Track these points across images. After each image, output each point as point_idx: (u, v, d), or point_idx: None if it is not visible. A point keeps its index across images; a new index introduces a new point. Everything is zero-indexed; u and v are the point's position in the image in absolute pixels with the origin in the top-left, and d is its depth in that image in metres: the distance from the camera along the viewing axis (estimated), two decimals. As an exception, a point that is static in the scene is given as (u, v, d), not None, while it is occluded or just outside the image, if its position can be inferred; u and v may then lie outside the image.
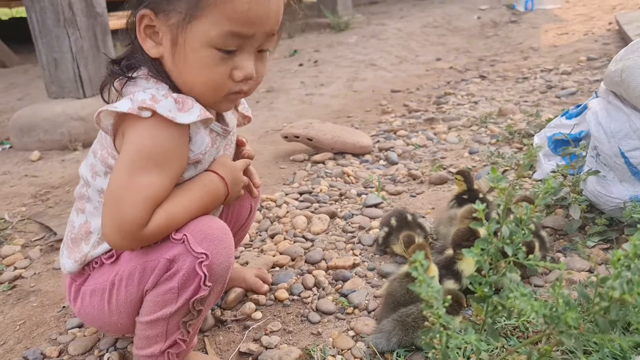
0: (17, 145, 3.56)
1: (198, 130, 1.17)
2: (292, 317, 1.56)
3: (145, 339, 1.21)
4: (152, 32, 1.14)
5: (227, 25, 1.07)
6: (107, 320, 1.25)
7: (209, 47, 1.09)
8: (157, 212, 1.11)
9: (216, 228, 1.16)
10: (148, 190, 1.09)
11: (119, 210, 1.08)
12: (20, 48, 6.86)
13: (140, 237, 1.10)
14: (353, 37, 6.11)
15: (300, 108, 3.93)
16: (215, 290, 1.18)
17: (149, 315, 1.17)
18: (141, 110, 1.07)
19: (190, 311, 1.17)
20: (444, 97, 3.77)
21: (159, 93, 1.12)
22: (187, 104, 1.12)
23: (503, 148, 2.64)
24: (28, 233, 2.29)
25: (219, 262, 1.14)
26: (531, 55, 4.91)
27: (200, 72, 1.12)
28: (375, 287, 1.65)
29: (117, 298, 1.20)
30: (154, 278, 1.15)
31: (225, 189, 1.24)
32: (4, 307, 1.75)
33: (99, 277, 1.24)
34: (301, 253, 1.86)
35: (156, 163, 1.10)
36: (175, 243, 1.13)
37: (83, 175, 1.27)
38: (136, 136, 1.11)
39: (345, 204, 2.25)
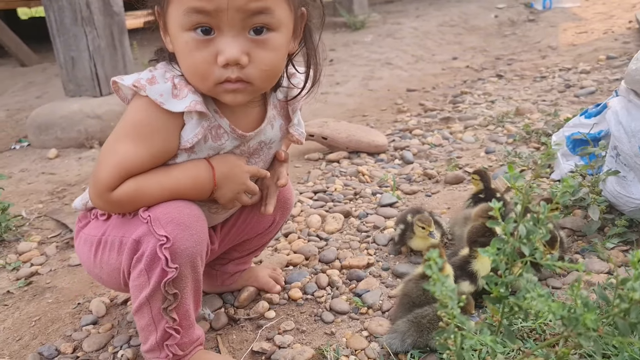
0: (35, 143, 3.60)
1: (191, 120, 1.16)
2: (305, 316, 1.55)
3: (142, 331, 1.24)
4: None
5: (187, 1, 1.03)
6: (92, 270, 1.31)
7: (184, 31, 1.07)
8: (128, 181, 1.14)
9: (187, 214, 1.15)
10: (121, 157, 1.13)
11: (97, 169, 1.15)
12: (39, 47, 6.93)
13: (108, 198, 1.14)
14: (369, 36, 6.09)
15: (315, 107, 3.92)
16: (186, 274, 1.17)
17: (134, 302, 1.20)
18: (137, 88, 1.12)
19: (166, 296, 1.16)
20: (460, 96, 3.74)
21: (163, 75, 1.15)
22: (183, 92, 1.13)
23: (520, 148, 2.61)
24: (44, 230, 2.31)
25: (184, 247, 1.13)
26: (549, 54, 4.85)
27: (184, 60, 1.11)
28: (390, 287, 1.64)
29: (101, 257, 1.25)
30: (126, 256, 1.17)
31: (211, 180, 1.21)
32: (20, 303, 1.77)
33: (93, 229, 1.28)
34: (315, 252, 1.85)
35: (137, 135, 1.14)
36: (142, 222, 1.15)
37: None
38: (131, 109, 1.17)
39: (359, 203, 2.24)
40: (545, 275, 1.56)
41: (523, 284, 0.75)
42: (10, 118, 4.54)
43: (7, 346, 1.55)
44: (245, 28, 1.06)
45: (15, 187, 2.85)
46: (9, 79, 6.18)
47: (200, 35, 1.06)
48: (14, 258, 2.05)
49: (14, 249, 2.14)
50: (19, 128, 4.16)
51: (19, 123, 4.29)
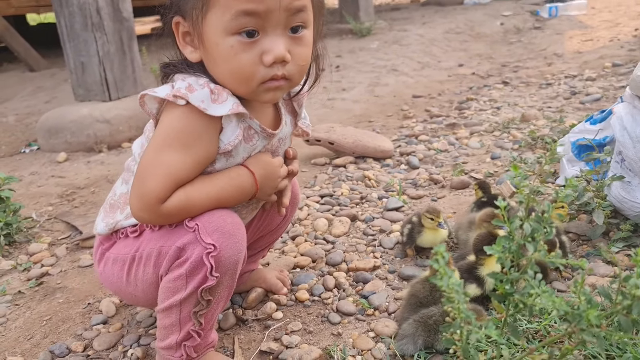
0: (45, 146, 3.64)
1: (230, 122, 1.18)
2: (312, 317, 1.57)
3: (163, 329, 1.25)
4: (190, 39, 1.17)
5: (237, 4, 1.05)
6: (124, 289, 1.31)
7: (229, 35, 1.09)
8: (178, 192, 1.14)
9: (230, 222, 1.18)
10: (169, 167, 1.13)
11: (142, 182, 1.13)
12: (48, 52, 7.00)
13: (158, 211, 1.14)
14: (375, 43, 6.12)
15: (321, 112, 3.95)
16: (224, 282, 1.20)
17: (163, 302, 1.21)
18: (176, 98, 1.12)
19: (200, 301, 1.19)
20: (466, 103, 3.76)
21: (197, 82, 1.15)
22: (222, 96, 1.14)
23: (526, 153, 2.63)
24: (55, 232, 2.34)
25: (228, 255, 1.16)
26: (555, 62, 4.87)
27: (227, 64, 1.12)
28: (396, 290, 1.66)
29: (136, 274, 1.25)
30: (166, 263, 1.19)
31: (253, 184, 1.25)
32: (31, 303, 1.79)
33: (123, 248, 1.28)
34: (322, 255, 1.88)
35: (181, 144, 1.14)
36: (188, 231, 1.16)
37: (134, 151, 1.33)
38: (168, 119, 1.16)
39: (366, 207, 2.26)
40: (551, 279, 1.58)
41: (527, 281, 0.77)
42: (20, 122, 4.58)
43: (18, 345, 1.58)
44: (286, 27, 1.11)
45: (26, 190, 2.89)
46: (19, 84, 6.24)
47: (246, 38, 1.09)
48: (24, 259, 2.08)
49: (25, 250, 2.17)
50: (28, 132, 4.20)
51: (29, 127, 4.33)
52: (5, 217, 2.19)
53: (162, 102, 1.18)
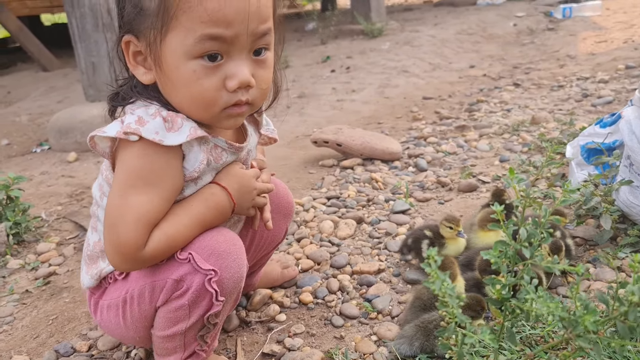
0: (55, 146, 3.67)
1: (191, 148, 1.13)
2: (315, 320, 1.57)
3: (164, 349, 1.23)
4: (142, 59, 1.10)
5: (202, 28, 1.00)
6: (125, 334, 1.27)
7: (191, 59, 1.03)
8: (155, 233, 1.09)
9: (223, 241, 1.14)
10: (139, 211, 1.07)
11: (115, 233, 1.07)
12: (61, 53, 7.07)
13: (139, 258, 1.09)
14: (386, 44, 6.10)
15: (331, 114, 3.94)
16: (229, 301, 1.18)
17: (164, 330, 1.19)
18: (128, 135, 1.05)
19: (206, 325, 1.18)
20: (476, 105, 3.74)
21: (147, 113, 1.08)
22: (177, 123, 1.08)
23: (535, 156, 2.60)
24: (63, 231, 2.36)
25: (229, 276, 1.13)
26: (567, 63, 4.83)
27: (188, 89, 1.06)
28: (400, 293, 1.65)
29: (132, 314, 1.21)
30: (163, 296, 1.15)
31: (230, 201, 1.20)
32: (38, 302, 1.81)
33: (113, 292, 1.24)
34: (327, 257, 1.87)
35: (146, 183, 1.08)
36: (182, 263, 1.12)
37: (94, 195, 1.27)
38: (125, 159, 1.09)
39: (372, 209, 2.25)
40: (556, 284, 1.56)
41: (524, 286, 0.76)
42: (32, 122, 4.63)
43: (25, 343, 1.59)
44: (250, 50, 1.07)
45: (36, 190, 2.92)
46: (32, 83, 6.31)
47: (208, 62, 1.04)
48: (33, 258, 2.10)
49: (33, 249, 2.19)
50: (40, 132, 4.25)
51: (40, 127, 4.38)
52: (15, 216, 2.21)
53: (115, 140, 1.10)
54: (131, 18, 1.06)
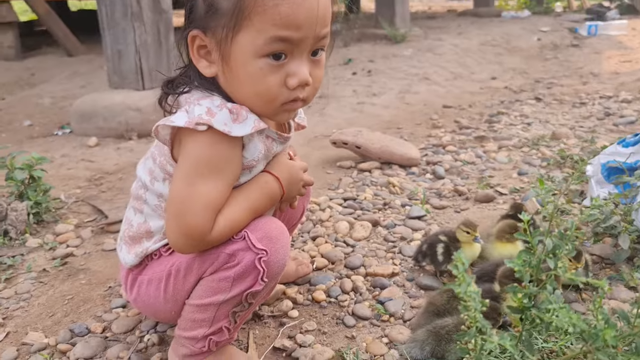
0: (77, 130, 3.72)
1: (252, 138, 1.20)
2: (327, 318, 1.58)
3: (191, 322, 1.26)
4: (206, 52, 1.17)
5: (273, 30, 1.07)
6: (162, 308, 1.31)
7: (259, 58, 1.10)
8: (219, 219, 1.16)
9: (274, 228, 1.21)
10: (207, 198, 1.14)
11: (183, 219, 1.14)
12: (86, 38, 7.13)
13: (206, 242, 1.17)
14: (409, 50, 6.11)
15: (351, 116, 3.96)
16: (268, 286, 1.23)
17: (201, 299, 1.22)
18: (198, 125, 1.11)
19: (242, 302, 1.22)
20: (497, 116, 3.73)
21: (213, 104, 1.14)
22: (242, 115, 1.15)
23: (554, 172, 2.60)
24: (81, 214, 2.39)
25: (277, 260, 1.19)
26: (590, 81, 4.80)
27: (253, 85, 1.13)
28: (413, 298, 1.66)
29: (175, 287, 1.25)
30: (212, 268, 1.20)
31: (280, 189, 1.28)
32: (55, 282, 1.84)
33: (157, 267, 1.29)
34: (341, 257, 1.88)
35: (212, 172, 1.15)
36: (236, 240, 1.18)
37: (141, 177, 1.32)
38: (193, 148, 1.15)
39: (388, 213, 2.26)
40: (570, 299, 1.56)
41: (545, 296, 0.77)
42: (55, 105, 4.69)
43: (40, 321, 1.62)
44: (310, 51, 1.15)
45: (56, 172, 2.96)
46: (56, 67, 6.38)
47: (274, 61, 1.11)
48: (51, 238, 2.13)
49: (52, 229, 2.22)
50: (62, 115, 4.30)
51: (63, 110, 4.43)
52: (36, 196, 2.25)
53: (174, 129, 1.17)
54: (202, 15, 1.13)
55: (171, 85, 1.26)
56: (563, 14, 10.40)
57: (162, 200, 1.28)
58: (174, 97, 1.24)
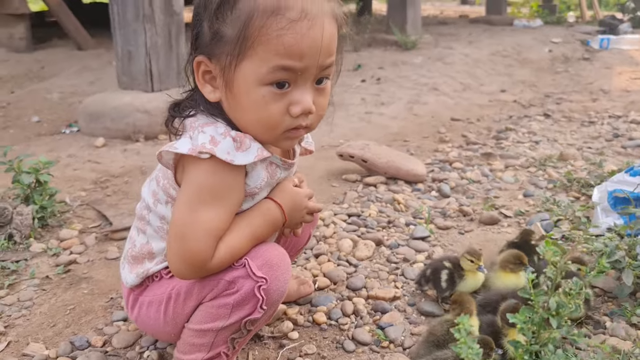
0: (85, 129, 3.73)
1: (255, 166, 1.21)
2: (327, 342, 1.58)
3: (190, 345, 1.27)
4: (211, 78, 1.18)
5: (277, 60, 1.08)
6: (161, 330, 1.33)
7: (262, 85, 1.11)
8: (220, 246, 1.17)
9: (275, 255, 1.22)
10: (209, 225, 1.15)
11: (185, 245, 1.15)
12: (97, 33, 7.14)
13: (206, 269, 1.18)
14: (419, 58, 6.09)
15: (358, 126, 3.95)
16: (268, 313, 1.24)
17: (200, 324, 1.24)
18: (201, 154, 1.12)
19: (241, 329, 1.23)
20: (504, 132, 3.72)
21: (217, 132, 1.15)
22: (245, 144, 1.16)
23: (559, 195, 2.59)
24: (86, 219, 2.40)
25: (276, 288, 1.20)
26: (600, 98, 4.78)
27: (255, 112, 1.14)
28: (413, 324, 1.65)
29: (174, 310, 1.27)
30: (212, 294, 1.21)
31: (282, 216, 1.28)
32: (57, 290, 1.85)
33: (157, 289, 1.31)
34: (343, 277, 1.88)
35: (215, 199, 1.16)
36: (236, 267, 1.20)
37: (145, 199, 1.34)
38: (196, 175, 1.16)
39: (392, 232, 2.25)
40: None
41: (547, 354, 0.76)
42: (64, 101, 4.70)
43: (41, 331, 1.63)
44: (314, 80, 1.15)
45: (62, 173, 2.96)
46: (65, 60, 6.40)
47: (277, 89, 1.12)
48: (55, 244, 2.14)
49: (56, 234, 2.23)
50: (70, 112, 4.31)
51: (71, 107, 4.44)
52: (42, 200, 2.26)
53: (179, 154, 1.18)
54: (207, 42, 1.14)
55: (177, 108, 1.27)
56: (575, 24, 10.35)
57: (164, 222, 1.30)
58: (179, 120, 1.25)
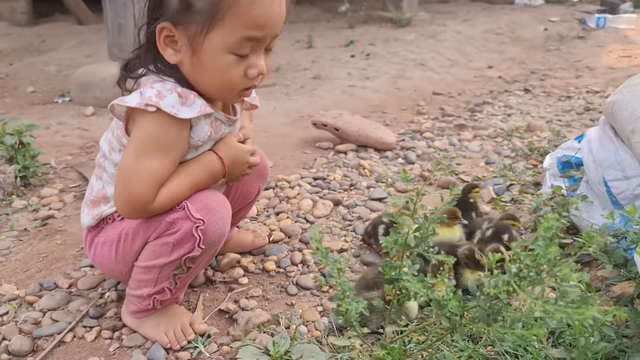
0: (76, 99, 3.87)
1: (198, 121, 1.33)
2: (273, 287, 1.72)
3: (138, 282, 1.42)
4: (171, 41, 1.27)
5: (244, 31, 1.21)
6: (114, 268, 1.47)
7: (227, 53, 1.24)
8: (162, 191, 1.29)
9: (214, 200, 1.35)
10: (152, 172, 1.27)
11: (128, 188, 1.28)
12: (97, 7, 7.23)
13: (147, 210, 1.30)
14: (411, 35, 6.16)
15: (340, 98, 4.07)
16: (207, 253, 1.37)
17: (145, 261, 1.38)
18: (147, 106, 1.24)
19: (181, 266, 1.37)
20: (481, 106, 3.82)
21: (164, 88, 1.27)
22: (190, 99, 1.28)
23: (519, 163, 2.70)
24: (67, 180, 2.55)
25: (214, 229, 1.33)
26: (584, 75, 4.86)
27: (219, 76, 1.27)
28: (355, 273, 1.79)
29: (124, 249, 1.41)
30: (155, 234, 1.34)
31: (222, 168, 1.40)
32: (33, 241, 2.00)
33: (110, 230, 1.45)
34: (298, 232, 2.02)
35: (159, 149, 1.28)
36: (177, 210, 1.32)
37: (102, 147, 1.47)
38: (143, 126, 1.28)
39: (352, 194, 2.39)
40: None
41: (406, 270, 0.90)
42: (60, 73, 4.85)
43: (15, 275, 1.78)
44: (266, 46, 1.31)
45: (51, 138, 3.12)
46: (66, 35, 6.53)
47: (239, 56, 1.26)
48: (35, 201, 2.30)
49: (38, 192, 2.38)
50: (65, 83, 4.45)
51: (66, 78, 4.58)
52: (24, 160, 2.41)
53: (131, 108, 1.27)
54: (175, 10, 1.23)
55: (128, 68, 1.38)
56: (578, 3, 10.30)
57: (117, 169, 1.42)
58: (133, 81, 1.36)
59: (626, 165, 1.62)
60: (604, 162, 1.69)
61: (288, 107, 3.80)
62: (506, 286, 0.80)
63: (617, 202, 1.69)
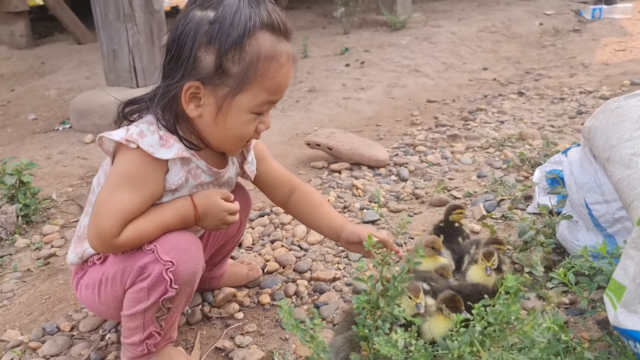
0: (75, 126, 3.94)
1: (175, 165, 1.39)
2: (268, 321, 1.78)
3: (128, 330, 1.47)
4: (194, 97, 1.35)
5: (266, 96, 1.36)
6: (99, 309, 1.53)
7: (248, 113, 1.37)
8: (129, 226, 1.34)
9: (183, 240, 1.39)
10: (121, 206, 1.32)
11: (97, 220, 1.33)
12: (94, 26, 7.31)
13: (113, 245, 1.34)
14: (406, 38, 6.19)
15: (335, 112, 4.11)
16: (184, 291, 1.42)
17: (128, 309, 1.43)
18: (128, 142, 1.31)
19: (161, 308, 1.41)
20: (474, 113, 3.85)
21: (148, 129, 1.34)
22: (169, 142, 1.35)
23: (511, 175, 2.74)
24: (68, 214, 2.62)
25: (185, 269, 1.37)
26: (579, 73, 4.87)
27: (237, 131, 1.39)
28: (347, 303, 1.84)
29: (105, 293, 1.46)
30: (130, 279, 1.40)
31: (194, 215, 1.44)
32: (36, 281, 2.06)
33: (92, 274, 1.50)
34: (292, 261, 2.07)
35: (132, 184, 1.33)
36: (147, 253, 1.37)
37: (93, 184, 1.54)
38: (121, 161, 1.35)
39: (346, 217, 2.43)
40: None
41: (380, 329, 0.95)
42: (60, 97, 4.92)
43: (19, 319, 1.85)
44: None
45: (52, 169, 3.19)
46: (65, 55, 6.61)
47: (257, 115, 1.40)
48: (38, 238, 2.36)
49: (40, 229, 2.45)
50: (65, 108, 4.52)
51: (67, 103, 4.65)
52: (25, 199, 2.47)
53: (115, 142, 1.35)
54: (208, 71, 1.31)
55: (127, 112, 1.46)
56: (574, -6, 10.27)
57: None
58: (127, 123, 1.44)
59: (606, 189, 1.65)
60: (585, 185, 1.73)
61: (283, 124, 3.85)
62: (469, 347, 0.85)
63: (599, 225, 1.72)
